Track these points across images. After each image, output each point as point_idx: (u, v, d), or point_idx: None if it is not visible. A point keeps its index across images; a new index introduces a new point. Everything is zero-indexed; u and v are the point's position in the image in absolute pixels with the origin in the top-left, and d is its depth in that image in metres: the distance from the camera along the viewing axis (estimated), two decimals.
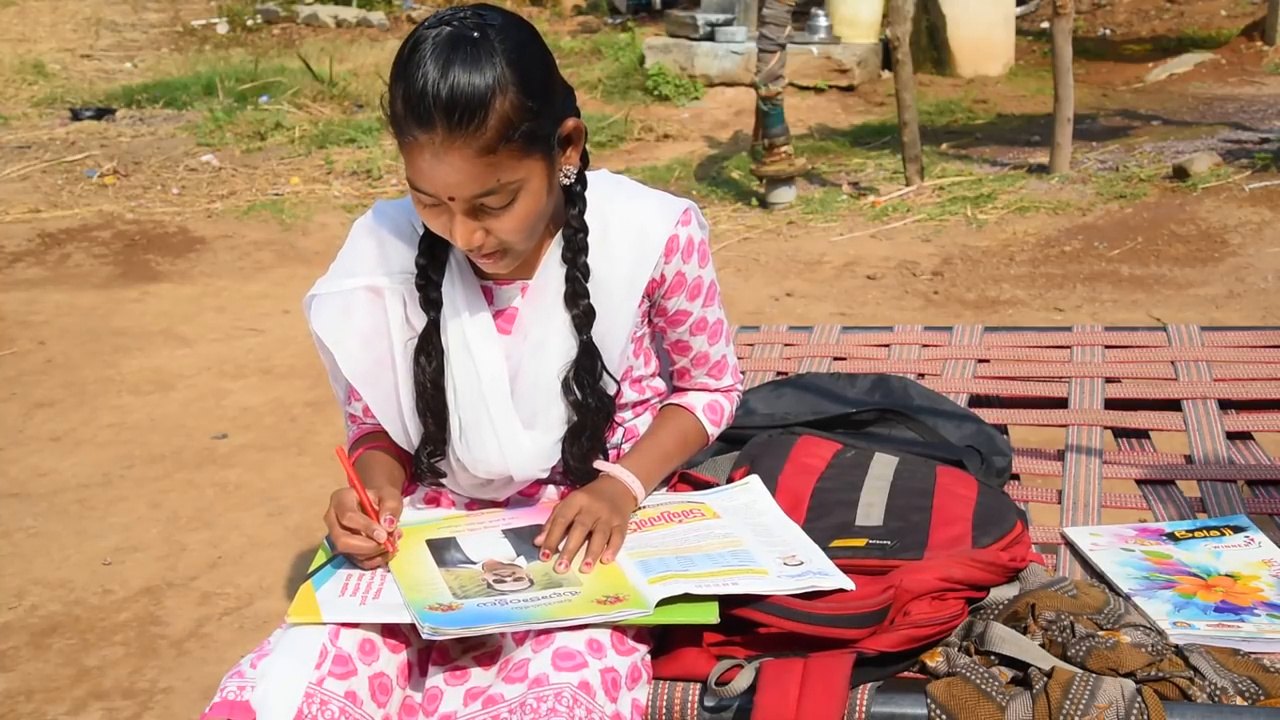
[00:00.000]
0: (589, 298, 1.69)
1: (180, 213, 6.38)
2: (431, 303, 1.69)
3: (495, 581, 1.58)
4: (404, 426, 1.74)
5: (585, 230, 1.68)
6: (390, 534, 1.60)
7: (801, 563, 1.62)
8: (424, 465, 1.76)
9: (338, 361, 1.72)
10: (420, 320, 1.70)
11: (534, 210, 1.58)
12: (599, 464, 1.76)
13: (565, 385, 1.70)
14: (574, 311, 1.69)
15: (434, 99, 1.47)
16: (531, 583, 1.58)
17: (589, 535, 1.63)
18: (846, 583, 1.58)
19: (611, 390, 1.74)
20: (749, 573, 1.59)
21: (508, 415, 1.70)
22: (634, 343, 1.77)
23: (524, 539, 1.67)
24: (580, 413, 1.71)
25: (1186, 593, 1.71)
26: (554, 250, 1.70)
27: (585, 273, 1.68)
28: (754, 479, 1.85)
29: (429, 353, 1.69)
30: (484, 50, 1.49)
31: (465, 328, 1.69)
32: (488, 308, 1.71)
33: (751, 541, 1.67)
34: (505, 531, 1.69)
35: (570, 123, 1.61)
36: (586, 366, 1.70)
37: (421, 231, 1.69)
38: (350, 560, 1.63)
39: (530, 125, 1.53)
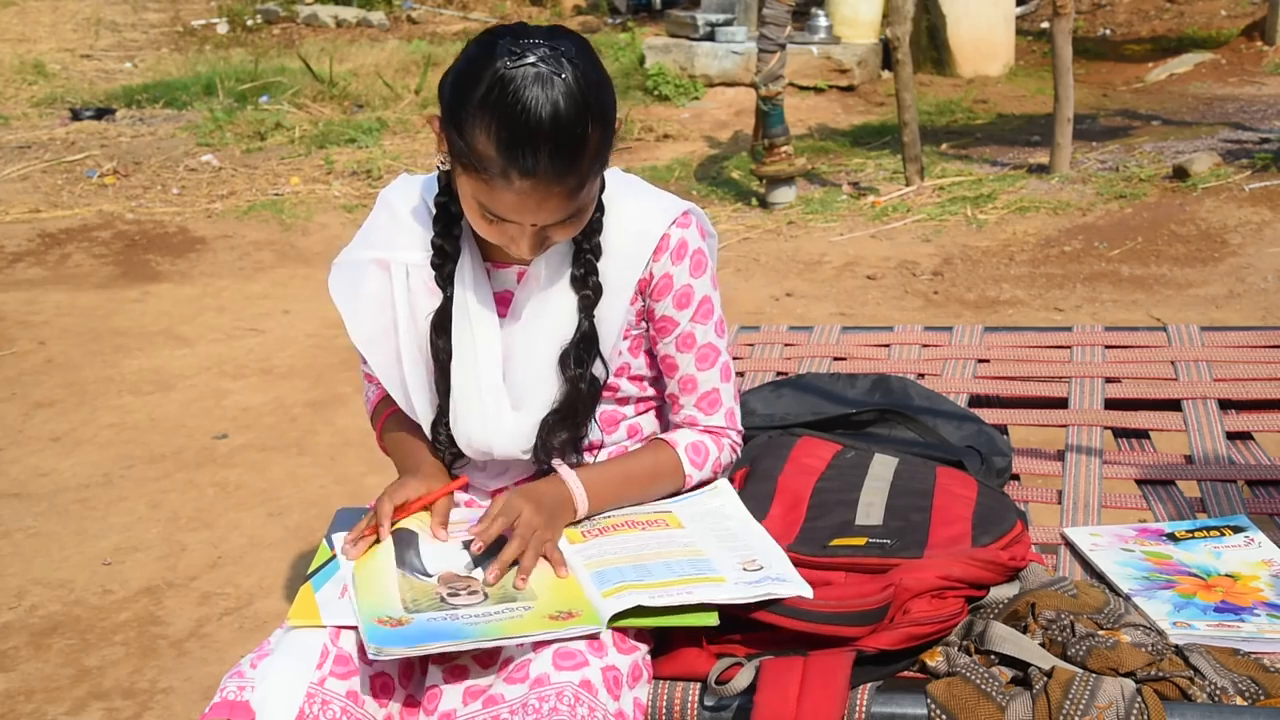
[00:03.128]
0: (598, 275, 1.71)
1: (180, 213, 6.38)
2: (447, 280, 1.72)
3: (449, 595, 1.57)
4: (406, 395, 1.77)
5: (601, 210, 1.70)
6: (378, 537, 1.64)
7: (761, 568, 1.61)
8: (443, 438, 1.77)
9: (346, 326, 1.77)
10: (424, 297, 1.73)
11: (590, 213, 1.65)
12: (557, 464, 1.74)
13: (563, 360, 1.71)
14: (583, 292, 1.71)
15: (539, 148, 1.50)
16: (485, 596, 1.56)
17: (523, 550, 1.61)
18: (805, 590, 1.57)
19: (602, 377, 1.74)
20: (705, 581, 1.57)
21: (497, 393, 1.72)
22: (630, 340, 1.77)
23: (485, 552, 1.62)
24: (571, 389, 1.71)
25: (1186, 593, 1.71)
26: None
27: (597, 253, 1.70)
28: (722, 481, 1.83)
29: (446, 330, 1.72)
30: (575, 92, 1.51)
31: (470, 306, 1.72)
32: (490, 288, 1.74)
33: (713, 549, 1.66)
34: (465, 542, 1.67)
35: (617, 123, 1.64)
36: (585, 347, 1.71)
37: (434, 211, 1.72)
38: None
39: (606, 152, 1.59)
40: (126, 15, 11.37)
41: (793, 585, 1.58)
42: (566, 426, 1.73)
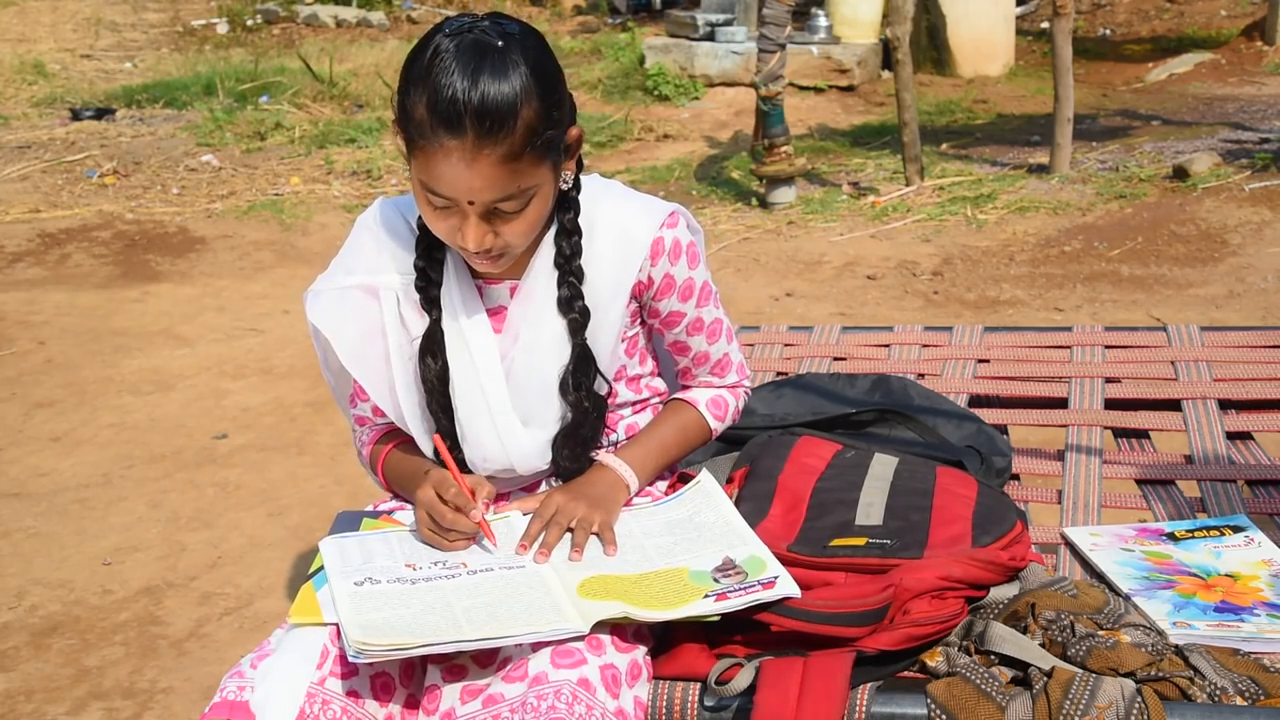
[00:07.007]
0: (584, 299, 1.70)
1: (180, 213, 6.37)
2: (432, 302, 1.71)
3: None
4: (403, 420, 1.76)
5: (579, 233, 1.69)
6: (485, 519, 1.64)
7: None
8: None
9: (337, 352, 1.73)
10: (415, 320, 1.72)
11: (541, 214, 1.62)
12: (596, 454, 1.78)
13: (563, 386, 1.72)
14: (570, 316, 1.70)
15: (465, 105, 1.49)
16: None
17: (570, 530, 1.66)
18: (793, 589, 1.56)
19: (604, 391, 1.75)
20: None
21: (505, 410, 1.72)
22: (625, 341, 1.78)
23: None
24: (576, 412, 1.73)
25: (1186, 593, 1.71)
26: (543, 250, 1.71)
27: (580, 276, 1.70)
28: (704, 475, 1.84)
29: (434, 352, 1.71)
30: (509, 59, 1.52)
31: (463, 325, 1.71)
32: (482, 305, 1.73)
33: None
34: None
35: (574, 131, 1.64)
36: (582, 370, 1.71)
37: (418, 232, 1.70)
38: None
39: (549, 134, 1.56)
40: (126, 15, 11.37)
41: (782, 587, 1.56)
42: (574, 444, 1.75)
